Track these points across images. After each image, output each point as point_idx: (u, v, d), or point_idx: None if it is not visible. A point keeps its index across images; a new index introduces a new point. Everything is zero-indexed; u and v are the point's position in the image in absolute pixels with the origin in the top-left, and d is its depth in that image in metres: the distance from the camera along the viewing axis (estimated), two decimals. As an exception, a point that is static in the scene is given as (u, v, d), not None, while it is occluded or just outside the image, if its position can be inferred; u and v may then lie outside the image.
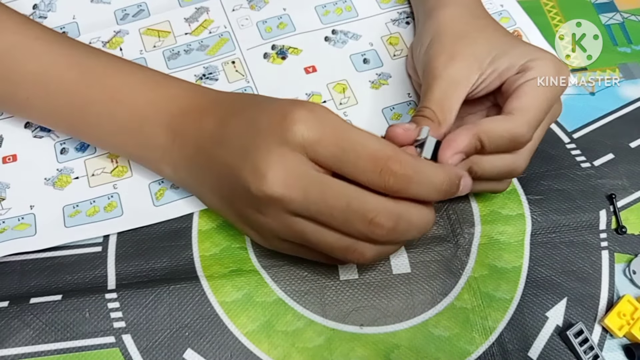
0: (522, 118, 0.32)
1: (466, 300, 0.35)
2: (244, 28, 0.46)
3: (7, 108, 0.39)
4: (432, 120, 0.33)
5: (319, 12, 0.47)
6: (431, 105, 0.34)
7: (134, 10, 0.46)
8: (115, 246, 0.36)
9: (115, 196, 0.38)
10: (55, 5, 0.46)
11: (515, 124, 0.32)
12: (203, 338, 0.33)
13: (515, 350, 0.34)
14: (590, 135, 0.42)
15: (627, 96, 0.44)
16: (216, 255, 0.36)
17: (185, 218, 0.37)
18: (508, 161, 0.34)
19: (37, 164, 0.39)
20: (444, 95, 0.34)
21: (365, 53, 0.45)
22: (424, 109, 0.34)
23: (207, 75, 0.43)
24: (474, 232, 0.38)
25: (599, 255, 0.37)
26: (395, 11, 0.47)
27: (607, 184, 0.40)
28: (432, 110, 0.34)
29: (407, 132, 0.32)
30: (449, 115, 0.34)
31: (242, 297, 0.35)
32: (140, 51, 0.44)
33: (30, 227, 0.36)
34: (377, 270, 0.36)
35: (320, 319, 0.34)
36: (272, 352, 0.33)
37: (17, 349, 0.33)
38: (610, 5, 0.49)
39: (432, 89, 0.35)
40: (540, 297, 0.36)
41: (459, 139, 0.31)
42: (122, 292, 0.34)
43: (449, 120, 0.34)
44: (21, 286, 0.35)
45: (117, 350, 0.33)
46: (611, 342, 0.35)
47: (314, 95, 0.42)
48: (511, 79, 0.34)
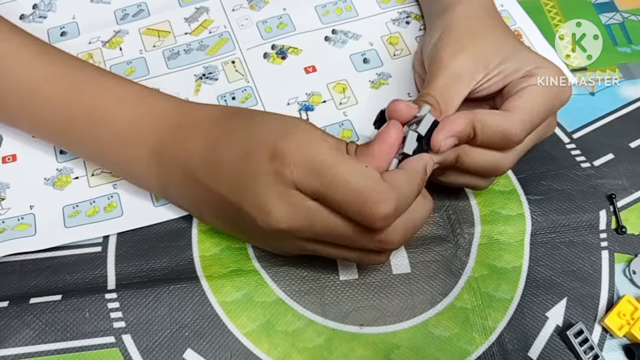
0: (518, 117, 0.32)
1: (466, 300, 0.35)
2: (244, 28, 0.46)
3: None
4: (434, 107, 0.33)
5: (319, 12, 0.47)
6: (434, 93, 0.34)
7: (134, 10, 0.46)
8: (115, 246, 0.36)
9: (115, 196, 0.38)
10: (55, 5, 0.46)
11: (509, 120, 0.32)
12: (203, 338, 0.33)
13: (515, 350, 0.34)
14: (590, 135, 0.42)
15: (627, 96, 0.44)
16: (216, 255, 0.36)
17: (185, 218, 0.37)
18: (496, 158, 0.33)
19: (37, 164, 0.39)
20: (447, 86, 0.34)
21: (365, 53, 0.45)
22: (426, 95, 0.34)
23: (207, 75, 0.43)
24: (474, 232, 0.38)
25: (599, 255, 0.37)
26: (395, 11, 0.47)
27: (607, 184, 0.40)
28: (435, 97, 0.34)
29: (409, 109, 0.32)
30: (450, 107, 0.34)
31: (242, 297, 0.35)
32: (140, 51, 0.44)
33: (30, 227, 0.36)
34: (377, 270, 0.36)
35: (320, 319, 0.34)
36: (272, 352, 0.33)
37: (17, 349, 0.33)
38: (610, 5, 0.49)
39: (436, 79, 0.34)
40: (540, 297, 0.36)
41: (455, 122, 0.31)
42: (122, 292, 0.34)
43: (449, 111, 0.34)
44: (21, 286, 0.35)
45: (117, 350, 0.33)
46: (611, 342, 0.35)
47: (314, 95, 0.42)
48: (514, 82, 0.34)
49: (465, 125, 0.31)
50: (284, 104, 0.42)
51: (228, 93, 0.42)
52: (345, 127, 0.41)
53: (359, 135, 0.41)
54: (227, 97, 0.42)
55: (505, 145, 0.33)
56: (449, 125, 0.31)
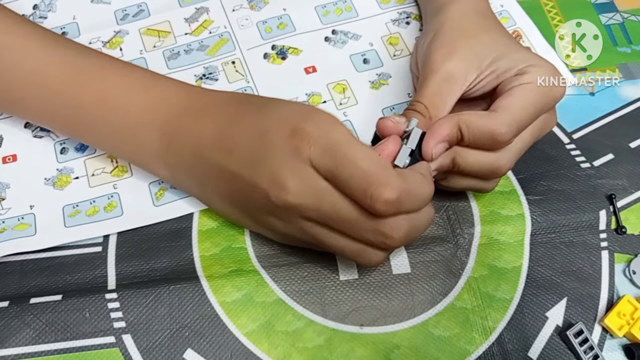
0: (504, 117, 0.32)
1: (466, 300, 0.35)
2: (244, 28, 0.46)
3: (2, 108, 0.39)
4: (424, 116, 0.34)
5: (319, 12, 0.47)
6: (423, 100, 0.34)
7: (134, 10, 0.46)
8: (115, 246, 0.36)
9: (115, 196, 0.38)
10: (55, 5, 0.46)
11: (495, 121, 0.32)
12: (203, 338, 0.33)
13: (515, 350, 0.34)
14: (590, 135, 0.42)
15: (627, 96, 0.44)
16: (216, 255, 0.36)
17: (185, 218, 0.37)
18: (490, 159, 0.33)
19: (37, 164, 0.39)
20: (439, 90, 0.34)
21: (365, 53, 0.45)
22: (416, 103, 0.34)
23: (207, 76, 0.43)
24: (473, 232, 0.38)
25: (598, 256, 0.37)
26: (395, 11, 0.47)
27: (607, 184, 0.40)
28: (424, 105, 0.34)
29: (397, 125, 0.33)
30: (441, 112, 0.34)
31: (242, 297, 0.35)
32: (140, 51, 0.44)
33: (30, 227, 0.36)
34: (377, 270, 0.36)
35: (320, 319, 0.34)
36: (272, 352, 0.33)
37: (17, 349, 0.33)
38: (610, 5, 0.49)
39: (427, 83, 0.35)
40: (540, 297, 0.36)
41: (441, 128, 0.32)
42: (122, 292, 0.34)
43: (441, 115, 0.34)
44: (21, 286, 0.35)
45: (117, 350, 0.33)
46: (611, 342, 0.35)
47: (314, 95, 0.42)
48: (506, 81, 0.34)
49: (451, 128, 0.32)
50: (284, 104, 0.42)
51: (228, 93, 0.42)
52: (345, 127, 0.41)
53: (359, 135, 0.41)
54: (227, 97, 0.42)
55: (493, 146, 0.33)
56: (436, 131, 0.32)
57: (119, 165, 0.39)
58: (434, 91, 0.34)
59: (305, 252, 0.36)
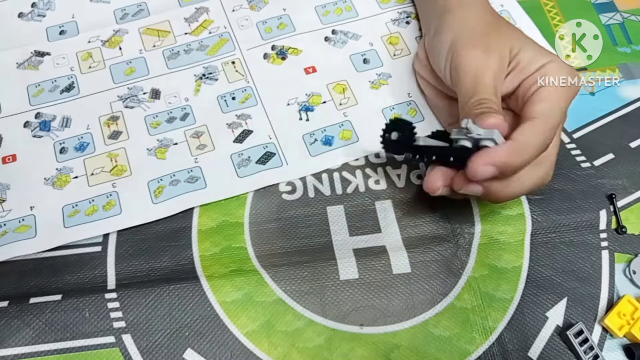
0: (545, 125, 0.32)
1: (466, 300, 0.35)
2: (244, 28, 0.46)
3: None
4: (497, 112, 0.33)
5: (319, 12, 0.47)
6: (488, 95, 0.34)
7: (134, 9, 0.46)
8: (115, 246, 0.36)
9: (114, 195, 0.38)
10: (54, 4, 0.46)
11: (543, 128, 0.32)
12: (203, 338, 0.33)
13: (515, 350, 0.34)
14: (590, 135, 0.42)
15: (627, 96, 0.44)
16: (216, 255, 0.36)
17: (185, 218, 0.37)
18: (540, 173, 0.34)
19: (36, 163, 0.39)
20: (493, 82, 0.34)
21: (365, 53, 0.45)
22: (485, 101, 0.34)
23: (207, 75, 0.43)
24: (474, 232, 0.38)
25: (599, 255, 0.37)
26: (395, 11, 0.47)
27: (607, 184, 0.40)
28: (492, 100, 0.34)
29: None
30: (499, 100, 0.34)
31: (242, 297, 0.35)
32: (139, 51, 0.44)
33: (31, 229, 0.36)
34: (377, 270, 0.36)
35: (320, 319, 0.34)
36: (272, 352, 0.33)
37: (17, 348, 0.33)
38: (610, 5, 0.49)
39: (482, 80, 0.34)
40: (540, 297, 0.36)
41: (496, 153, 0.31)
42: (122, 292, 0.34)
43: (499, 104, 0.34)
44: (21, 286, 0.35)
45: (117, 350, 0.33)
46: (611, 342, 0.35)
47: (314, 95, 0.42)
48: (528, 80, 0.34)
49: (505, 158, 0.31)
50: (283, 104, 0.42)
51: (228, 93, 0.42)
52: (345, 127, 0.41)
53: (359, 135, 0.41)
54: (227, 97, 0.42)
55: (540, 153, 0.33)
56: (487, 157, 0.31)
57: (118, 164, 0.39)
58: (491, 84, 0.34)
59: (305, 252, 0.36)
